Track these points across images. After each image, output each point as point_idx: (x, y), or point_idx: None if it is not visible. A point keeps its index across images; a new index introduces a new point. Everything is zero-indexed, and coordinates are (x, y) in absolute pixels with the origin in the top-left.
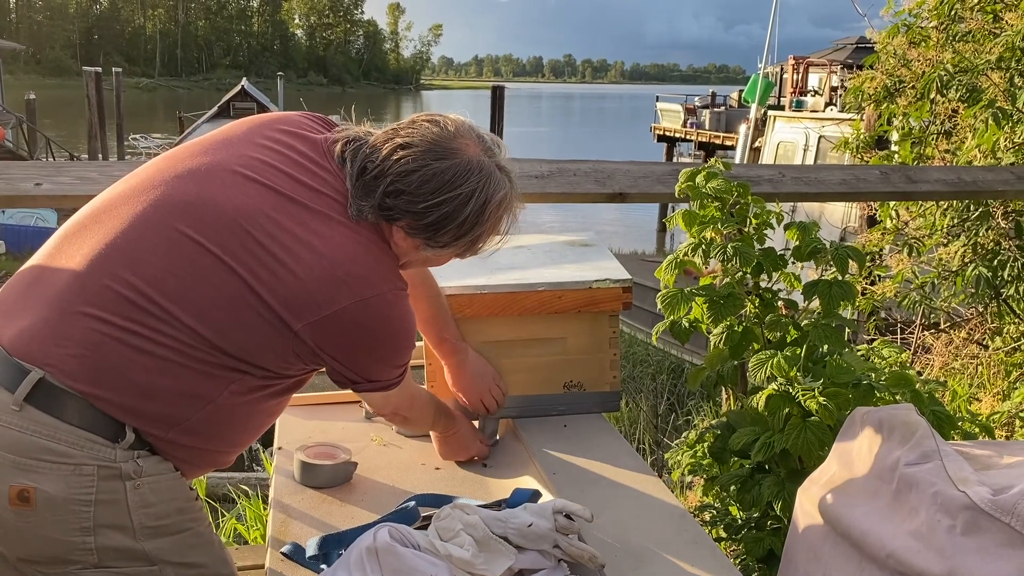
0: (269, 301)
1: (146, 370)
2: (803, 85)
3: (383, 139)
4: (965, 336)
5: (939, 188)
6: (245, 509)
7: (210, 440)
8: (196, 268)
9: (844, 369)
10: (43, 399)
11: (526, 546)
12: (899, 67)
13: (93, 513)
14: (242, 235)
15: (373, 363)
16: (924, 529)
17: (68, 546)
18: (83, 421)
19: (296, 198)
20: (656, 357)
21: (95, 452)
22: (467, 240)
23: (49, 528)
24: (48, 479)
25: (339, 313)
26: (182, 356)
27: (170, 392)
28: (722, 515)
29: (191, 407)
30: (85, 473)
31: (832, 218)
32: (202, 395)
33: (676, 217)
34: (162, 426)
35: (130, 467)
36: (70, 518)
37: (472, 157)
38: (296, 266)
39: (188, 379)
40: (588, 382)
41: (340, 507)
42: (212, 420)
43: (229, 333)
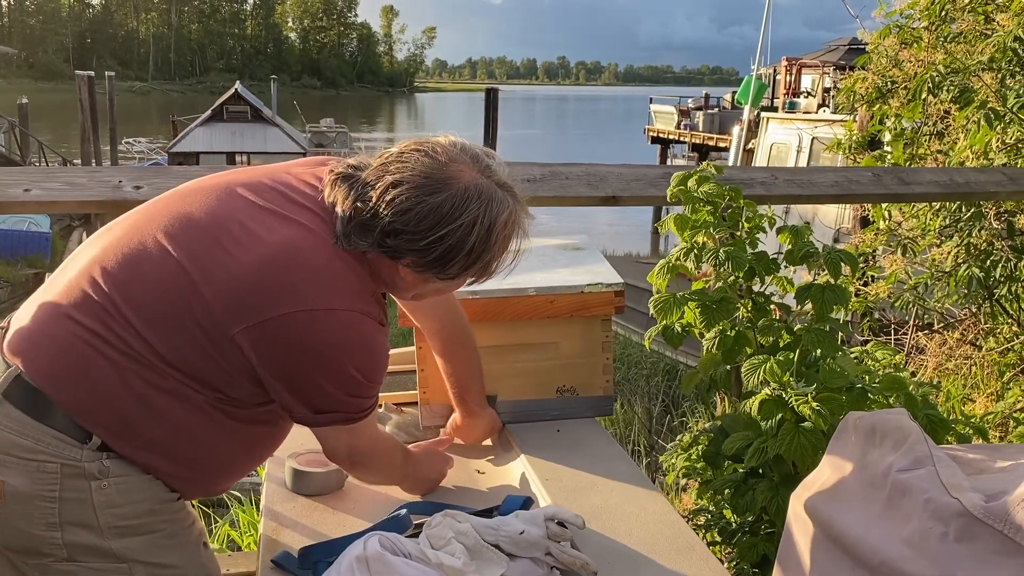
0: (210, 301)
1: (107, 377)
2: (796, 86)
3: (374, 176)
4: (959, 337)
5: (932, 190)
6: (238, 515)
7: (175, 462)
8: (158, 275)
9: (837, 373)
10: (18, 395)
11: (518, 554)
12: (890, 68)
13: (58, 510)
14: (208, 241)
15: (319, 389)
16: (917, 536)
17: (38, 539)
18: (53, 420)
19: (276, 209)
20: (651, 359)
21: (61, 451)
22: (478, 267)
23: (19, 521)
24: (15, 474)
25: (279, 321)
26: (138, 366)
27: (127, 403)
28: (717, 519)
29: (148, 420)
30: (48, 471)
31: (826, 219)
32: (157, 410)
33: (668, 221)
34: (123, 439)
35: (95, 467)
36: (36, 513)
37: (469, 183)
38: (241, 262)
39: (143, 391)
40: (581, 387)
41: (331, 515)
42: (173, 440)
43: (174, 343)
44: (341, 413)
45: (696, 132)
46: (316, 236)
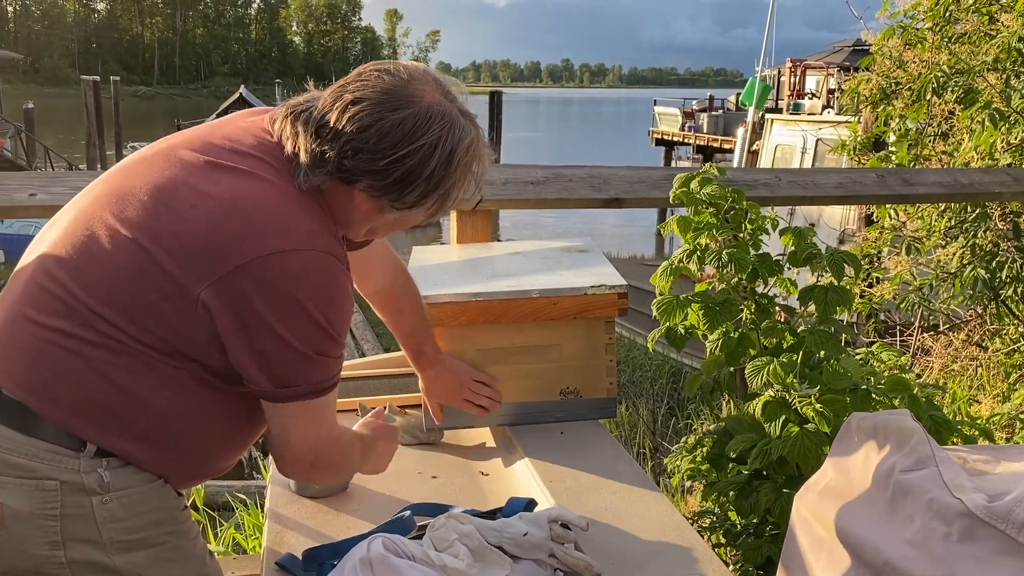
0: (170, 268)
1: (80, 373)
2: (800, 88)
3: (332, 99)
4: (964, 338)
5: (936, 191)
6: (243, 518)
7: (170, 449)
8: (114, 258)
9: (841, 375)
10: (3, 412)
11: (521, 556)
12: (895, 69)
13: (60, 527)
14: (158, 210)
15: (280, 344)
16: (920, 537)
17: (40, 560)
18: (44, 433)
19: (221, 162)
20: (655, 361)
21: (58, 464)
22: (437, 196)
23: (18, 542)
24: (12, 494)
25: (242, 269)
26: (113, 354)
27: (109, 396)
28: (721, 521)
29: (135, 410)
30: (48, 488)
31: (831, 220)
32: (141, 396)
33: (671, 223)
34: (114, 434)
35: (94, 480)
36: (37, 532)
37: (432, 103)
38: (191, 220)
39: (122, 378)
40: (584, 389)
41: (335, 517)
42: (163, 426)
43: (144, 323)
44: (302, 386)
45: (700, 134)
46: (265, 181)
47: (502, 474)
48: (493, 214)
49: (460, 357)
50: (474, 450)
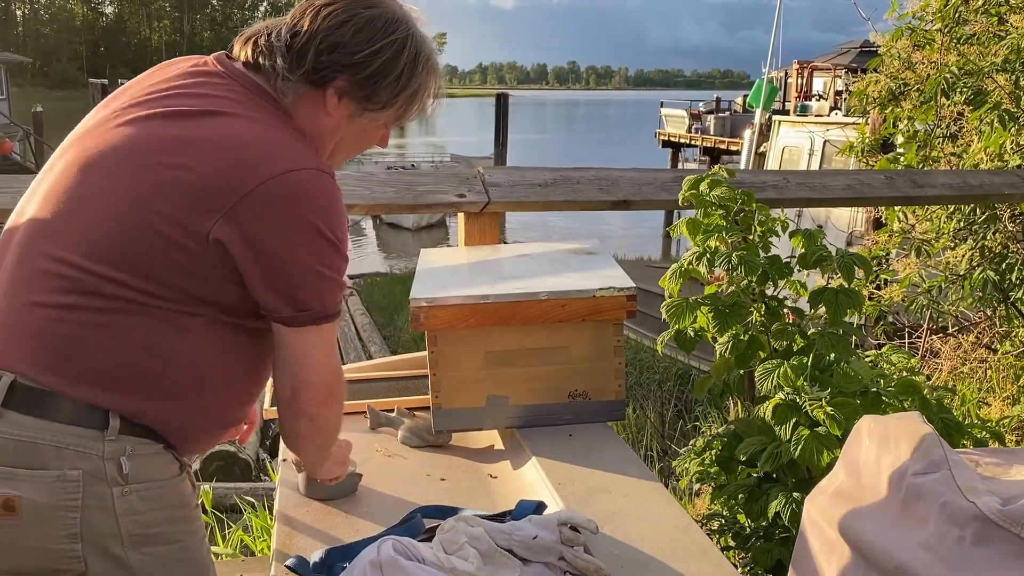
0: (174, 216)
1: (97, 341)
2: (808, 89)
3: (300, 11)
4: (974, 340)
5: (945, 192)
6: (251, 520)
7: (195, 400)
8: (105, 218)
9: (851, 378)
10: (21, 402)
11: (531, 558)
12: (903, 70)
13: (80, 519)
14: (144, 165)
15: (303, 266)
16: (933, 540)
17: (55, 554)
18: (64, 415)
19: (188, 108)
20: (663, 363)
21: (81, 447)
22: (405, 97)
23: (33, 538)
24: (31, 487)
25: (249, 197)
26: (122, 314)
27: (129, 355)
28: (730, 523)
29: (157, 365)
30: (70, 479)
31: (838, 222)
32: (162, 350)
33: (680, 226)
34: (139, 397)
35: (115, 469)
36: (56, 525)
37: (396, 9)
38: (193, 163)
39: (140, 336)
40: (593, 391)
41: (345, 519)
42: (187, 375)
43: (150, 273)
44: (318, 308)
45: (707, 136)
46: (242, 118)
47: (510, 476)
48: (501, 216)
49: (469, 360)
50: (482, 452)
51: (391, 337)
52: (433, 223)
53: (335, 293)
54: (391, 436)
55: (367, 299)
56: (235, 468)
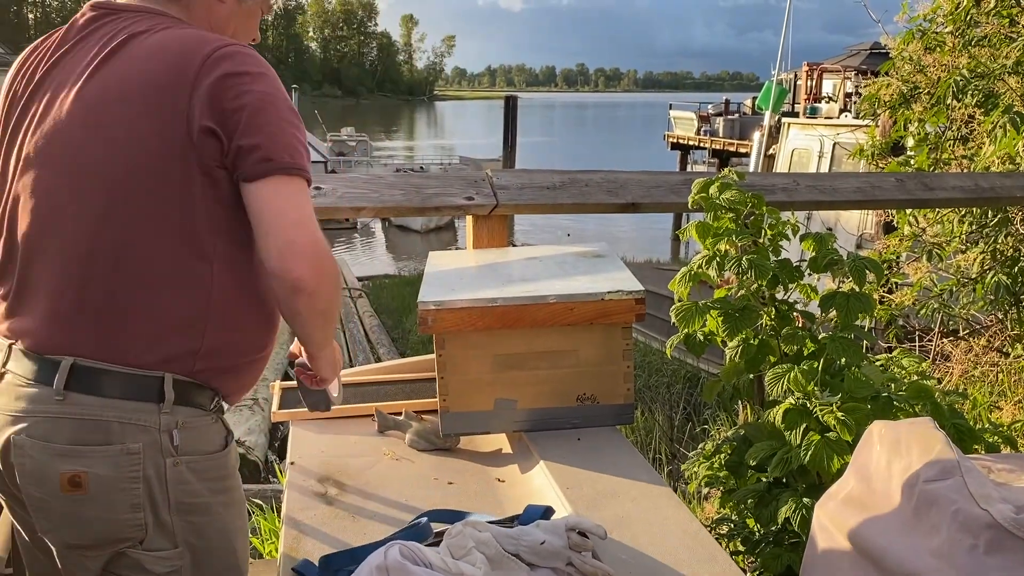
0: (153, 147)
1: (137, 309)
2: (817, 91)
3: None
4: (985, 343)
5: (956, 195)
6: (260, 522)
7: (244, 323)
8: (92, 189)
9: (862, 382)
10: (82, 382)
11: (539, 564)
12: (915, 73)
13: (142, 490)
14: (95, 125)
15: (273, 108)
16: (946, 548)
17: (120, 524)
18: (123, 391)
19: (108, 50)
20: (671, 366)
21: (141, 420)
22: None
23: (100, 509)
24: (96, 462)
25: (206, 66)
26: (146, 269)
27: (167, 307)
28: (739, 528)
29: (196, 304)
30: (132, 451)
31: (848, 225)
32: (193, 290)
33: (690, 229)
34: (190, 342)
35: (168, 441)
36: (121, 496)
37: None
38: (133, 95)
39: (171, 282)
40: (601, 395)
41: (352, 523)
42: (223, 306)
43: (155, 215)
44: (286, 160)
45: (716, 138)
46: (163, 29)
47: (518, 480)
48: (509, 219)
49: (477, 363)
50: (490, 456)
51: (400, 339)
52: (442, 225)
53: (301, 152)
54: (399, 439)
55: (376, 301)
56: (243, 470)
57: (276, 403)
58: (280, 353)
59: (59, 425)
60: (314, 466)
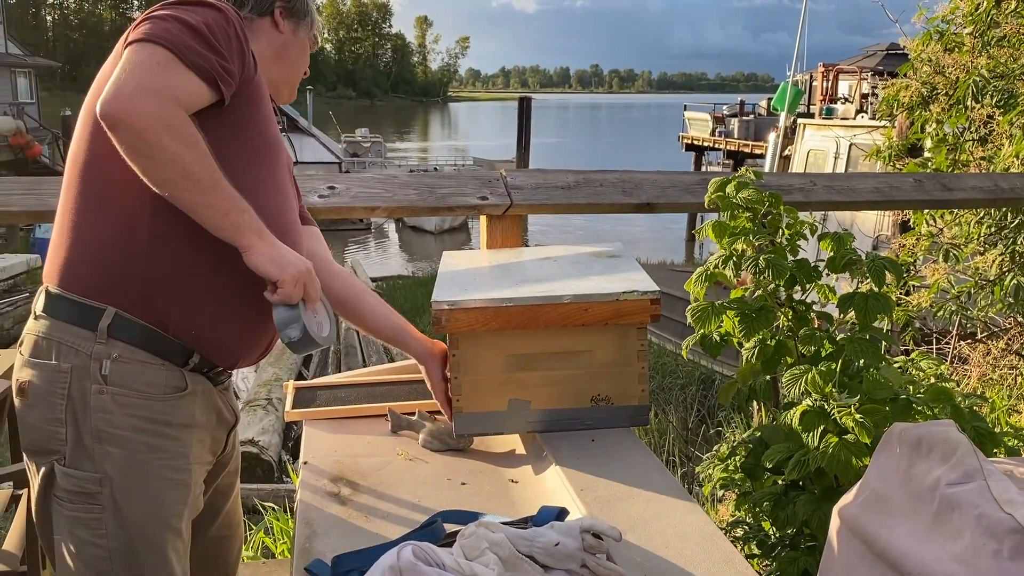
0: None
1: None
2: (833, 92)
3: None
4: (1004, 346)
5: (975, 196)
6: (272, 523)
7: (187, 261)
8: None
9: (881, 384)
10: (47, 306)
11: (553, 565)
12: (934, 74)
13: (65, 406)
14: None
15: (160, 5)
16: (968, 553)
17: (47, 434)
18: (66, 313)
19: None
20: (686, 368)
21: (75, 344)
22: (312, 8)
23: (34, 417)
24: (38, 374)
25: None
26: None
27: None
28: (755, 531)
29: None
30: (63, 370)
31: (864, 227)
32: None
33: (706, 228)
34: (133, 286)
35: (97, 369)
36: (48, 408)
37: None
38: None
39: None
40: (616, 396)
41: (365, 522)
42: (166, 238)
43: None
44: (159, 32)
45: (731, 139)
46: None
47: (532, 481)
48: (523, 219)
49: (491, 363)
50: (503, 457)
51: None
52: (455, 227)
53: (166, 27)
54: (412, 439)
55: (389, 302)
56: (257, 470)
57: (289, 402)
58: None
59: (27, 340)
60: (327, 466)
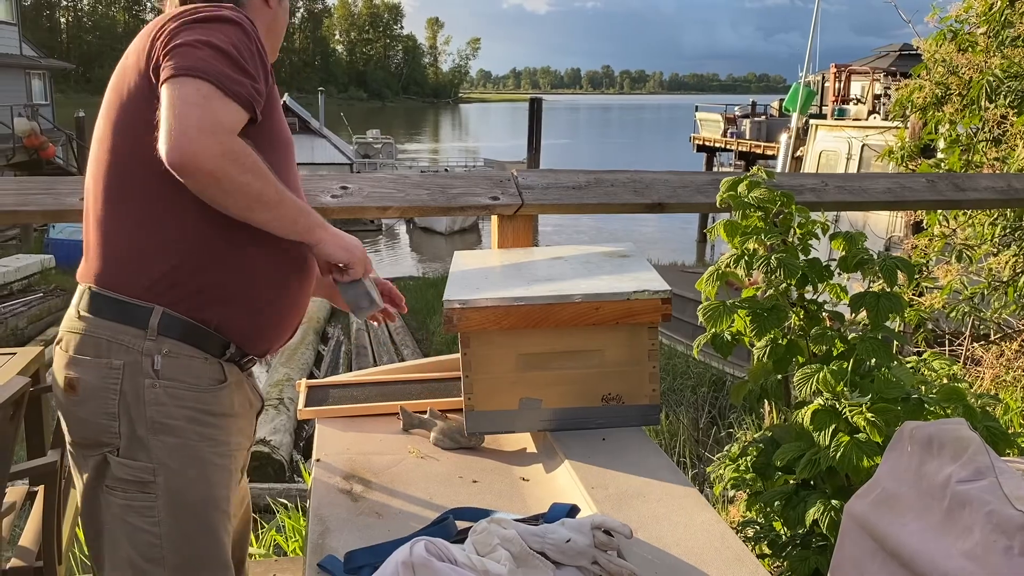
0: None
1: (133, 240)
2: (845, 93)
3: None
4: (1017, 348)
5: (988, 196)
6: (284, 521)
7: (229, 265)
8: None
9: (893, 384)
10: (91, 305)
11: (564, 562)
12: (947, 75)
13: (118, 401)
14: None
15: (179, 38)
16: (979, 550)
17: (101, 428)
18: (115, 313)
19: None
20: (696, 369)
21: (126, 342)
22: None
23: (87, 412)
24: (87, 370)
25: (165, 21)
26: (134, 207)
27: (160, 247)
28: (766, 531)
29: (172, 235)
30: (115, 366)
31: (876, 227)
32: (175, 225)
33: (718, 227)
34: (178, 286)
35: (149, 364)
36: (101, 404)
37: None
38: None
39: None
40: (627, 395)
41: (377, 520)
42: (206, 241)
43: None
44: (199, 63)
45: (743, 140)
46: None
47: (543, 480)
48: (534, 219)
49: (502, 362)
50: (515, 455)
51: (423, 341)
52: (466, 227)
53: (203, 58)
54: (423, 438)
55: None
56: (269, 469)
57: (302, 401)
58: (305, 353)
59: (71, 338)
60: (340, 463)
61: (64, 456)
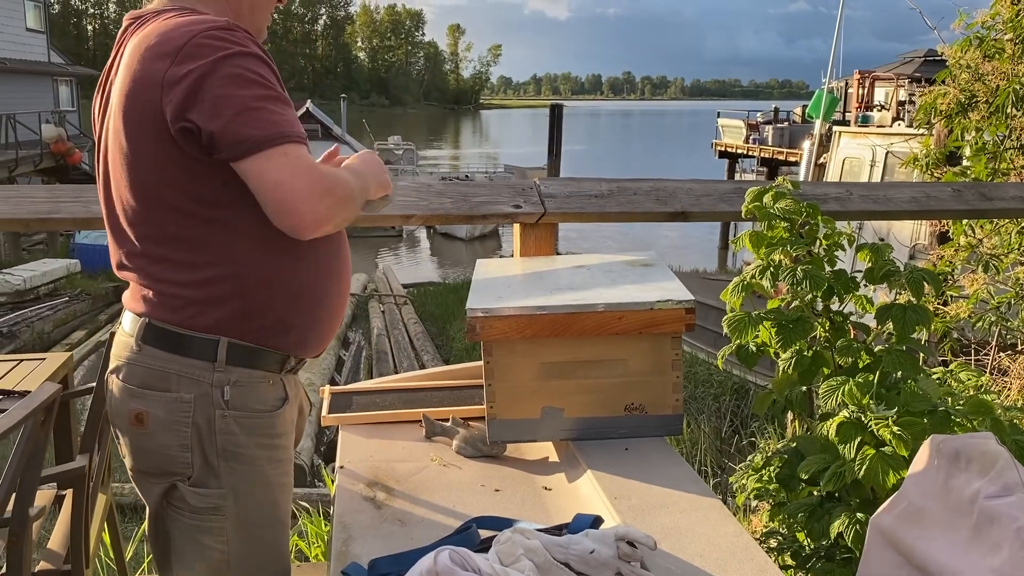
0: (149, 136)
1: (170, 277)
2: (869, 100)
3: None
4: None
5: (1016, 205)
6: (306, 526)
7: (279, 281)
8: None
9: (919, 396)
10: (149, 336)
11: (588, 573)
12: (973, 81)
13: (190, 433)
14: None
15: (232, 102)
16: (1008, 567)
17: (172, 459)
18: (182, 348)
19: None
20: (719, 378)
21: (193, 375)
22: None
23: (157, 444)
24: (156, 405)
25: (167, 77)
26: (186, 249)
27: (223, 281)
28: (789, 542)
29: (240, 273)
30: (184, 400)
31: (900, 236)
32: (230, 251)
33: (743, 238)
34: (240, 314)
35: (219, 395)
36: (172, 436)
37: None
38: (123, 93)
39: (214, 255)
40: (650, 405)
41: (401, 528)
42: (255, 265)
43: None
44: (257, 136)
45: (765, 146)
46: (144, 30)
47: (565, 489)
48: (556, 227)
49: (525, 371)
50: (537, 464)
51: (443, 346)
52: (486, 233)
53: (272, 120)
54: (446, 445)
55: (420, 308)
56: None
57: (326, 407)
58: (327, 359)
59: (134, 370)
60: (363, 470)
61: (92, 460)
